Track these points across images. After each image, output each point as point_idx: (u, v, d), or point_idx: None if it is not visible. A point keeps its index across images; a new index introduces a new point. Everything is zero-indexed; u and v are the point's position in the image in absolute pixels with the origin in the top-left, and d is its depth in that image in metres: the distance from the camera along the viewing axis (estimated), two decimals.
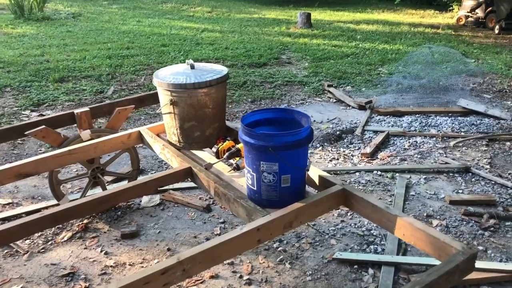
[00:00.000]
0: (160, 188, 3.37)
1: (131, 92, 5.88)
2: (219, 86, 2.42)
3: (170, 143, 2.54)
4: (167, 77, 2.38)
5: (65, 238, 2.87)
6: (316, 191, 2.16)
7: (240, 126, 1.92)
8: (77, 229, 2.96)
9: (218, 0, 16.56)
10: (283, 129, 2.03)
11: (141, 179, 2.17)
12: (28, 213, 3.10)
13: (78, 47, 8.22)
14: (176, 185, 3.43)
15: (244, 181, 2.17)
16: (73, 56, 7.51)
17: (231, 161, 2.35)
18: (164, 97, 2.41)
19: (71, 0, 14.96)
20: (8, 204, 3.28)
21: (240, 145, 2.29)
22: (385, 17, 12.92)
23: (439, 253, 1.65)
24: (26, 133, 2.73)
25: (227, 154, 2.29)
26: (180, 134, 2.47)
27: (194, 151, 2.50)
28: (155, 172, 3.75)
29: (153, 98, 3.29)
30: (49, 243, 2.83)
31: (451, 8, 13.20)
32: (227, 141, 2.42)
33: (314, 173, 2.13)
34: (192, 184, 3.50)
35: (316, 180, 2.12)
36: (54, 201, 3.22)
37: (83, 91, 5.79)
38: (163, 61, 7.44)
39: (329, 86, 6.18)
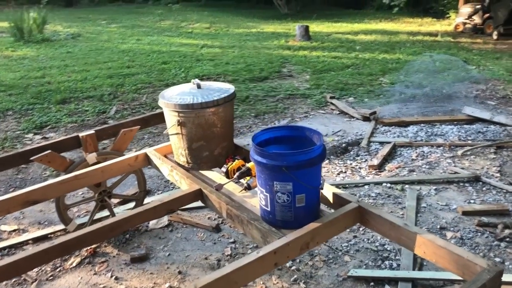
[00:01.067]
0: None
1: (134, 111, 5.86)
2: (227, 105, 2.39)
3: (178, 164, 2.50)
4: (173, 97, 2.35)
5: (74, 264, 2.81)
6: (331, 209, 2.11)
7: (252, 146, 1.89)
8: (85, 254, 2.90)
9: (216, 15, 16.69)
10: (295, 147, 2.00)
11: (151, 203, 2.12)
12: (36, 240, 3.06)
13: (78, 67, 8.24)
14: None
15: (256, 201, 2.13)
16: (74, 76, 7.52)
17: (242, 181, 2.31)
18: (171, 118, 2.38)
19: (70, 21, 15.08)
20: (14, 230, 3.23)
21: (250, 164, 2.25)
22: (383, 26, 12.98)
23: (463, 271, 1.60)
24: (31, 158, 2.70)
25: (237, 174, 2.24)
26: (188, 154, 2.43)
27: (203, 172, 2.46)
28: (162, 192, 3.71)
29: (158, 118, 3.27)
30: (58, 270, 2.78)
31: (448, 15, 13.26)
32: (236, 161, 2.38)
33: (328, 190, 2.09)
34: (200, 204, 3.45)
35: (330, 198, 2.08)
36: (61, 226, 3.18)
37: (86, 112, 5.77)
38: (164, 78, 7.44)
39: (331, 98, 6.17)
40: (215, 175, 2.42)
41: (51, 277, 2.71)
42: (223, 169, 2.36)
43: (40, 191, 2.30)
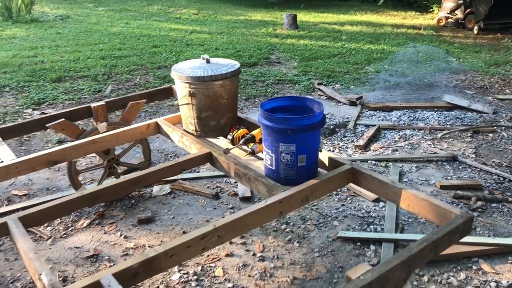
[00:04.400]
0: (169, 178, 3.56)
1: (128, 91, 6.03)
2: (233, 78, 2.63)
3: (187, 132, 2.74)
4: (185, 70, 2.58)
5: (84, 225, 3.03)
6: (325, 172, 2.38)
7: (260, 112, 2.14)
8: (94, 216, 3.13)
9: (203, 2, 16.75)
10: (297, 115, 2.25)
11: (167, 163, 2.36)
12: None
13: (70, 48, 8.33)
14: (184, 175, 3.63)
15: (260, 163, 2.39)
16: (66, 57, 7.63)
17: (245, 147, 2.56)
18: (183, 89, 2.61)
19: (57, 2, 14.98)
20: (25, 195, 3.42)
21: (254, 132, 2.50)
22: (368, 18, 13.28)
23: (441, 219, 1.89)
24: (47, 125, 2.89)
25: (242, 140, 2.49)
26: (197, 123, 2.67)
27: (210, 139, 2.70)
28: None
29: (162, 93, 3.49)
30: (70, 229, 3.00)
31: (431, 9, 13.63)
32: (241, 129, 2.62)
33: (324, 155, 2.35)
34: (198, 174, 3.70)
35: (326, 162, 2.35)
36: (69, 192, 3.38)
37: (82, 90, 5.92)
38: (156, 61, 7.60)
39: (319, 84, 6.44)
40: (221, 142, 2.67)
41: (64, 235, 2.93)
42: (229, 137, 2.61)
43: (61, 152, 2.51)
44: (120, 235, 2.93)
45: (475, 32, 10.56)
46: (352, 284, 1.48)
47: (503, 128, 4.78)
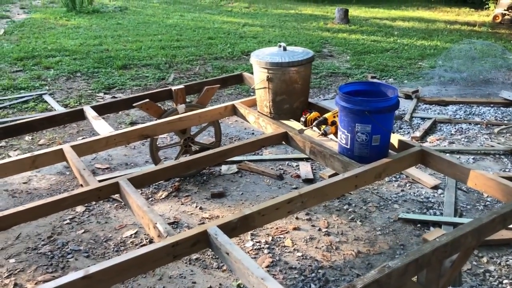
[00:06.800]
0: (236, 159, 3.83)
1: (189, 79, 6.35)
2: (307, 65, 2.84)
3: (262, 114, 2.98)
4: (265, 57, 2.81)
5: (163, 196, 3.34)
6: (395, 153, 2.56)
7: (338, 94, 2.34)
8: (171, 189, 3.43)
9: None
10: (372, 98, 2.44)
11: (247, 139, 2.61)
12: None
13: (131, 38, 8.77)
14: (248, 157, 3.89)
15: (332, 144, 2.59)
16: (129, 46, 8.06)
17: (316, 130, 2.77)
18: (261, 74, 2.85)
19: None
20: (107, 168, 3.77)
21: (326, 115, 2.71)
22: (420, 14, 13.14)
23: (508, 197, 2.04)
24: (134, 105, 3.20)
25: (315, 122, 2.70)
26: (272, 106, 2.90)
27: (283, 121, 2.93)
28: None
29: (235, 79, 3.74)
30: (150, 199, 3.31)
31: (487, 6, 13.33)
32: (313, 112, 2.83)
33: (394, 138, 2.53)
34: (261, 157, 3.95)
35: (396, 144, 2.53)
36: (147, 167, 3.70)
37: (146, 77, 6.30)
38: (213, 52, 7.90)
39: (372, 77, 6.55)
40: (294, 124, 2.89)
41: None
42: (302, 119, 2.82)
43: (152, 127, 2.81)
44: (196, 207, 3.21)
45: None
46: (429, 244, 1.67)
47: None
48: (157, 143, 3.43)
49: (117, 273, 1.62)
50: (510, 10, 11.07)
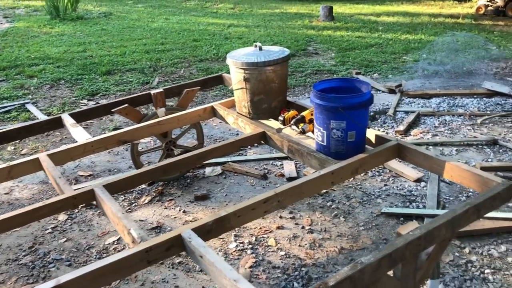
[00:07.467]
0: (219, 160, 3.82)
1: (174, 82, 6.34)
2: (283, 64, 2.84)
3: (241, 114, 2.97)
4: (241, 57, 2.81)
5: (146, 201, 3.33)
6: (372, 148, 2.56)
7: (312, 92, 2.34)
8: (154, 194, 3.41)
9: None
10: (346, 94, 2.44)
11: (226, 140, 2.60)
12: None
13: (116, 43, 8.73)
14: (232, 158, 3.88)
15: (310, 141, 2.59)
16: (113, 51, 8.02)
17: (295, 128, 2.77)
18: (237, 75, 2.84)
19: (99, 0, 15.54)
20: (90, 175, 3.75)
21: (304, 113, 2.71)
22: (405, 8, 13.21)
23: (482, 187, 2.05)
24: (112, 110, 3.19)
25: (293, 121, 2.70)
26: (250, 106, 2.89)
27: (262, 121, 2.93)
28: None
29: (214, 81, 3.74)
30: (133, 205, 3.30)
31: None
32: (291, 111, 2.83)
33: (371, 133, 2.54)
34: (245, 157, 3.94)
35: (373, 139, 2.53)
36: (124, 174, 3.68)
37: (131, 82, 6.27)
38: (198, 54, 7.89)
39: (357, 73, 6.57)
40: (272, 123, 2.88)
41: (129, 210, 3.23)
42: (281, 118, 2.82)
43: (130, 132, 2.79)
44: (179, 210, 3.20)
45: None
46: (403, 238, 1.67)
47: None
48: (140, 148, 3.41)
49: (91, 280, 1.61)
50: (492, 1, 11.15)
